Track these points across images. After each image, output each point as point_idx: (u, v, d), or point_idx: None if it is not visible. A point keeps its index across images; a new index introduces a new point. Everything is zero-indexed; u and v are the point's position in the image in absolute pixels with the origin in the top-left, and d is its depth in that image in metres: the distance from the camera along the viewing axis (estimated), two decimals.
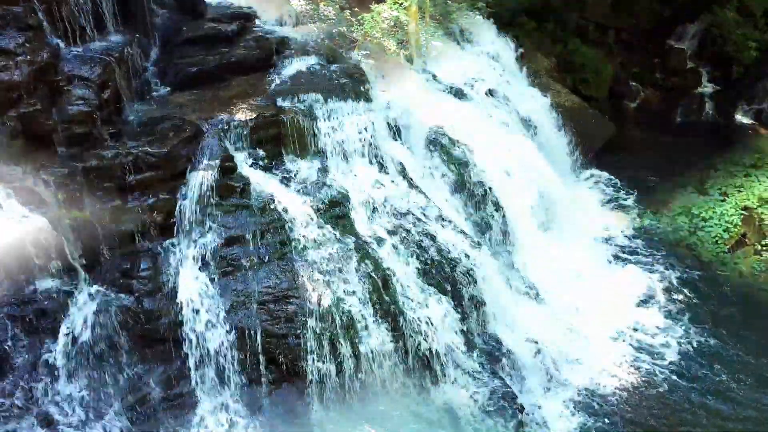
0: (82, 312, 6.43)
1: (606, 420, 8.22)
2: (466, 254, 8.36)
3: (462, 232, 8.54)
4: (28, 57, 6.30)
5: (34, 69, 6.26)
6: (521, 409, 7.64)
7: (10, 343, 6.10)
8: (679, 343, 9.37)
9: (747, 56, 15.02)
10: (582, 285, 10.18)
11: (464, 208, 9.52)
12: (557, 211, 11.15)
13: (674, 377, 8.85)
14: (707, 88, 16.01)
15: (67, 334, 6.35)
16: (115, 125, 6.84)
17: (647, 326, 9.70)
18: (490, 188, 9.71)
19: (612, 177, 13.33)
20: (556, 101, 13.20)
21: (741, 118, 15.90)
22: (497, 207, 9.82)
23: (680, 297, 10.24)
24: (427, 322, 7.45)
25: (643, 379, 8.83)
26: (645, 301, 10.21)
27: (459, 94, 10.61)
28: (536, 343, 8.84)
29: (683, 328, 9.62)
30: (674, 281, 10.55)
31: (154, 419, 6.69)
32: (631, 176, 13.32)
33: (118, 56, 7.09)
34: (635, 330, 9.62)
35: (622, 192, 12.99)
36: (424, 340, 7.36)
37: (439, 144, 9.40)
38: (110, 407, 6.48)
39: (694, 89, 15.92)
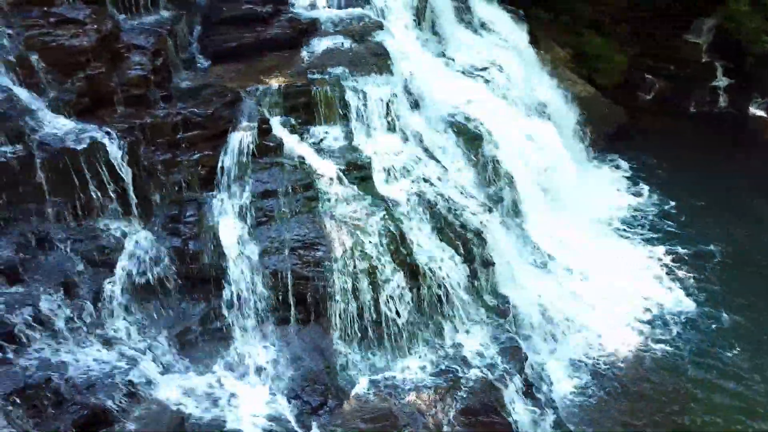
0: (136, 250, 7.32)
1: (607, 382, 8.81)
2: (477, 218, 9.08)
3: (474, 197, 9.28)
4: (95, 26, 7.23)
5: (99, 37, 7.19)
6: (525, 357, 8.31)
7: (77, 273, 7.02)
8: (683, 315, 9.92)
9: (760, 48, 15.37)
10: (588, 257, 10.81)
11: (477, 180, 10.25)
12: (568, 189, 11.81)
13: (676, 347, 9.39)
14: (722, 81, 16.41)
15: (123, 269, 7.23)
16: (166, 89, 7.72)
17: (651, 297, 10.30)
18: (501, 162, 10.44)
19: (622, 161, 13.99)
20: (570, 90, 13.88)
21: (755, 111, 16.36)
22: (509, 181, 10.53)
23: (685, 271, 10.80)
24: (439, 274, 8.20)
25: (645, 346, 9.42)
26: (649, 273, 10.83)
27: (475, 76, 11.36)
28: (542, 305, 9.53)
29: (689, 299, 10.15)
30: (682, 255, 11.10)
31: (196, 348, 7.55)
32: (641, 161, 13.96)
33: (169, 29, 8.00)
34: (640, 299, 10.21)
35: (631, 175, 13.63)
36: (438, 288, 8.11)
37: (454, 118, 10.18)
38: (159, 335, 7.35)
39: (709, 82, 16.35)
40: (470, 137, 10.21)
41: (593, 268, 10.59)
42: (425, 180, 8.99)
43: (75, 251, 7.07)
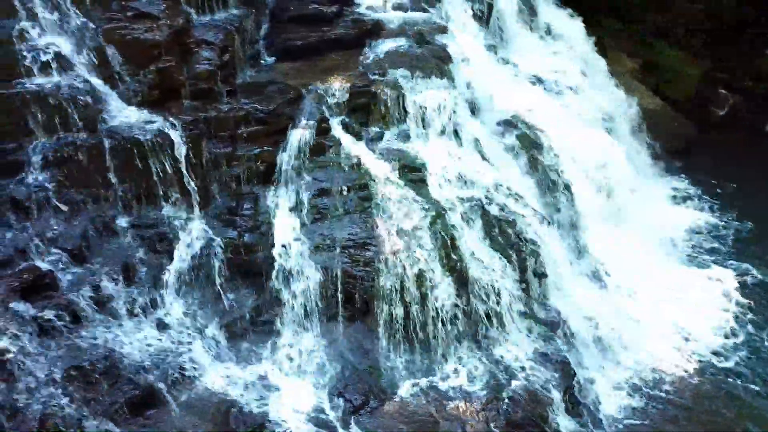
0: (194, 240, 7.57)
1: (657, 405, 8.43)
2: (532, 227, 8.93)
3: (530, 206, 9.13)
4: (168, 21, 7.53)
5: (172, 32, 7.48)
6: (573, 373, 8.11)
7: (137, 258, 7.32)
8: (743, 346, 9.41)
9: None
10: (647, 275, 10.44)
11: (534, 189, 10.07)
12: (629, 204, 11.46)
13: (737, 375, 8.91)
14: None
15: (180, 257, 7.48)
16: (231, 84, 7.96)
17: (713, 321, 9.84)
18: (561, 172, 10.22)
19: (689, 177, 13.44)
20: (638, 102, 13.46)
21: None
22: (568, 192, 10.30)
23: (750, 300, 10.29)
24: (489, 282, 8.11)
25: (702, 372, 8.95)
26: (712, 296, 10.36)
27: (538, 83, 11.18)
28: (594, 321, 9.28)
29: (753, 327, 9.63)
30: (747, 284, 10.54)
31: (244, 339, 7.72)
32: (709, 179, 13.36)
33: (237, 26, 8.24)
34: (700, 322, 9.77)
35: (698, 194, 13.07)
36: (486, 297, 8.01)
37: (514, 126, 10.04)
38: (210, 324, 7.56)
39: None
40: (529, 145, 10.04)
41: (651, 286, 10.23)
42: (480, 186, 8.90)
43: (137, 237, 7.37)
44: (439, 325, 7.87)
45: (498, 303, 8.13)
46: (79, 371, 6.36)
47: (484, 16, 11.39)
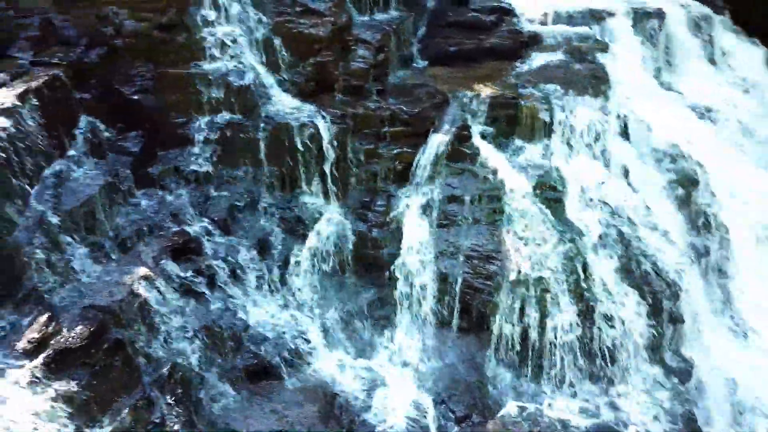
0: (326, 227, 7.91)
1: None
2: (675, 268, 8.27)
3: (675, 244, 8.46)
4: (332, 19, 7.93)
5: (334, 28, 7.87)
6: None
7: (273, 236, 7.79)
8: None
9: None
10: None
11: (683, 227, 9.32)
12: None
13: None
14: None
15: (312, 242, 7.84)
16: (382, 84, 8.20)
17: None
18: (717, 213, 9.37)
19: None
20: None
21: None
22: (722, 235, 9.42)
23: None
24: (618, 318, 7.63)
25: None
26: None
27: (702, 114, 10.33)
28: (732, 380, 8.41)
29: None
30: None
31: (359, 331, 7.92)
32: None
33: (394, 28, 8.47)
34: None
35: None
36: (612, 332, 7.55)
37: (670, 157, 9.34)
38: (329, 310, 7.85)
39: None
40: (684, 180, 9.29)
41: None
42: (623, 215, 8.40)
43: (276, 217, 7.85)
44: (556, 352, 7.56)
45: (624, 341, 7.64)
46: (208, 332, 6.90)
47: (652, 38, 10.72)
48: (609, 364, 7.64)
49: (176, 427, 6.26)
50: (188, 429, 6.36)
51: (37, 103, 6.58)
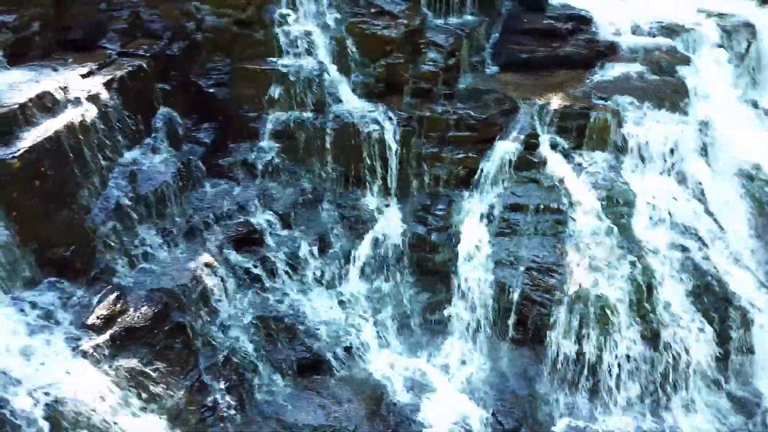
0: (386, 227, 7.95)
1: None
2: (748, 295, 7.84)
3: (750, 270, 8.01)
4: (405, 21, 7.95)
5: (407, 31, 7.89)
6: None
7: (333, 233, 7.89)
8: None
9: None
10: None
11: (761, 254, 8.82)
12: None
13: None
14: None
15: (371, 242, 7.90)
16: (451, 88, 8.14)
17: None
18: None
19: None
20: None
21: None
22: None
23: None
24: (683, 343, 7.30)
25: None
26: None
27: None
28: None
29: None
30: None
31: (411, 333, 7.91)
32: None
33: (468, 32, 8.40)
34: None
35: None
36: (676, 358, 7.23)
37: (750, 178, 8.85)
38: (384, 310, 7.88)
39: None
40: (765, 204, 8.79)
41: None
42: (694, 236, 8.02)
43: (336, 214, 7.95)
44: (614, 373, 7.30)
45: (687, 367, 7.30)
46: (264, 322, 7.07)
47: (739, 53, 10.18)
48: (670, 390, 7.33)
49: (228, 412, 6.44)
50: (239, 415, 6.53)
51: (120, 91, 6.93)
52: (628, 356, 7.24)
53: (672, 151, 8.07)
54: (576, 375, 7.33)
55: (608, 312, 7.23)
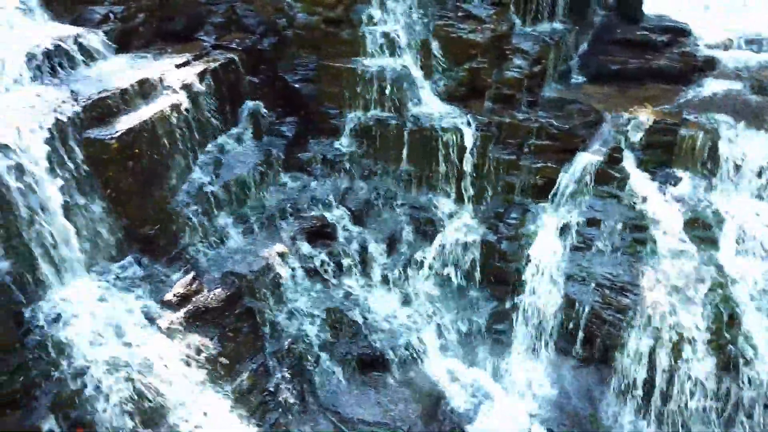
0: (456, 233, 7.91)
1: None
2: None
3: None
4: (492, 26, 7.87)
5: (493, 36, 7.81)
6: None
7: (403, 234, 7.95)
8: None
9: None
10: None
11: None
12: None
13: None
14: None
15: (440, 245, 7.90)
16: (534, 96, 7.99)
17: None
18: None
19: None
20: None
21: None
22: None
23: None
24: (762, 377, 6.85)
25: None
26: None
27: None
28: None
29: None
30: None
31: (474, 341, 7.85)
32: None
33: (556, 41, 8.21)
34: None
35: None
36: (754, 390, 6.80)
37: None
38: (448, 314, 7.85)
39: None
40: None
41: None
42: None
43: (408, 215, 8.00)
44: (684, 403, 6.96)
45: (765, 402, 6.84)
46: (329, 314, 7.21)
47: None
48: (745, 424, 6.89)
49: (288, 399, 6.62)
50: (298, 402, 6.70)
51: (212, 82, 7.27)
52: (701, 385, 6.87)
53: (765, 174, 7.57)
54: (643, 399, 7.04)
55: (683, 339, 6.89)
